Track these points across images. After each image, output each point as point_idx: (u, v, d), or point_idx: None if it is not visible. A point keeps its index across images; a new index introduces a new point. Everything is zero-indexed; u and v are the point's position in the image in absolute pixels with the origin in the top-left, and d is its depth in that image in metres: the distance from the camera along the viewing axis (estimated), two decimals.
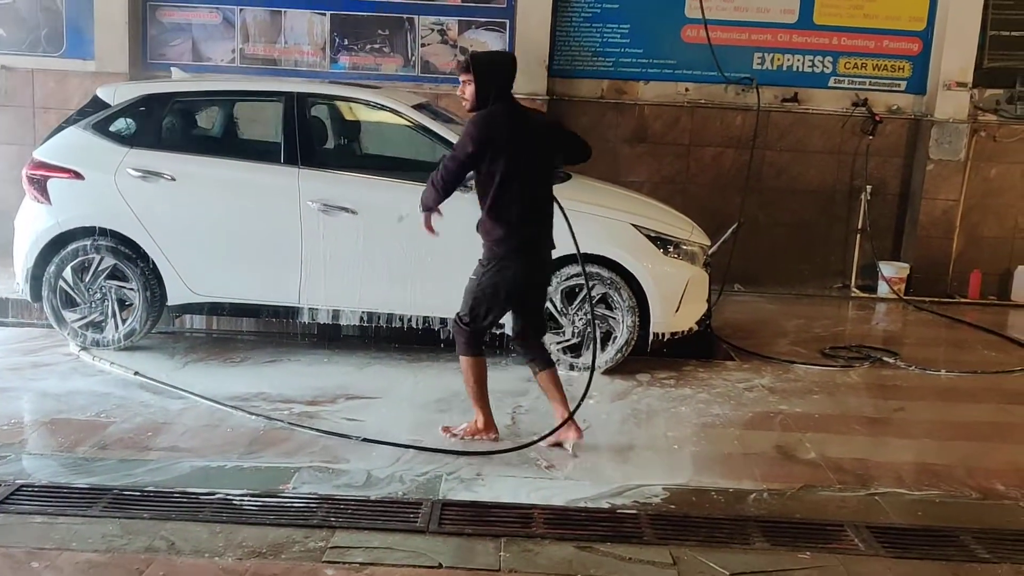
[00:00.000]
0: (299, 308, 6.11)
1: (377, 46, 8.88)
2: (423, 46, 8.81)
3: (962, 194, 8.96)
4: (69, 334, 6.16)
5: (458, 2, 8.81)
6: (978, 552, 3.90)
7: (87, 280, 6.09)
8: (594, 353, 5.14)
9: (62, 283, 6.08)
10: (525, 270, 4.71)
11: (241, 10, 8.81)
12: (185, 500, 4.04)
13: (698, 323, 6.36)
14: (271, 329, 7.17)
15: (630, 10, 8.87)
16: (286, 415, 5.12)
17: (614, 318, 6.00)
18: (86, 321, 6.14)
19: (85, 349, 6.10)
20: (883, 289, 8.86)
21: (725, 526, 4.03)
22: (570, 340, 6.04)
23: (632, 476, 4.52)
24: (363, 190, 6.00)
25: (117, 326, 6.13)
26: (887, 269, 8.86)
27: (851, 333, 7.64)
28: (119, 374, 5.70)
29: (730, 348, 6.84)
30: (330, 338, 6.92)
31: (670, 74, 8.96)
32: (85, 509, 3.92)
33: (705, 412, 5.49)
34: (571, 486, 4.38)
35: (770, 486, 4.48)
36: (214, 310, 6.36)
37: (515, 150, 4.55)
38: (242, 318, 6.97)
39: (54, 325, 6.20)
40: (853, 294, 8.93)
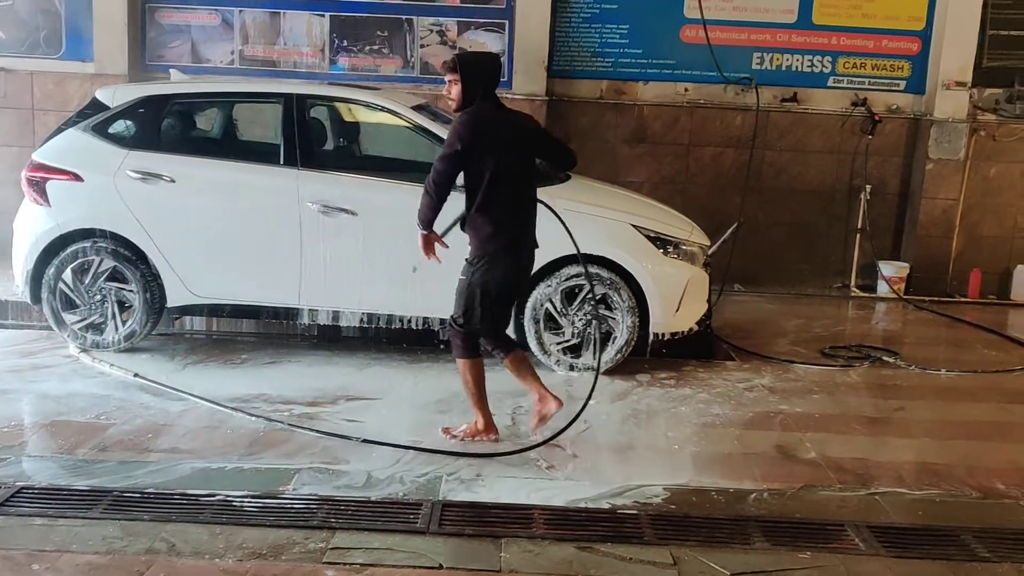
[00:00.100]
0: (299, 309, 6.12)
1: (376, 47, 8.88)
2: (422, 47, 8.81)
3: (962, 193, 8.96)
4: (69, 336, 6.16)
5: (457, 3, 8.81)
6: (979, 551, 3.90)
7: (87, 282, 6.08)
8: (598, 353, 5.13)
9: (62, 285, 6.07)
10: (514, 268, 4.78)
11: (240, 11, 8.81)
12: (185, 502, 4.04)
13: (698, 323, 6.36)
14: (271, 330, 7.17)
15: (629, 10, 8.87)
16: (286, 416, 5.12)
17: (614, 319, 6.00)
18: (86, 323, 6.14)
19: (85, 351, 6.10)
20: (883, 288, 8.86)
21: (725, 526, 4.03)
22: (570, 341, 6.03)
23: (632, 476, 4.52)
24: (362, 191, 6.00)
25: (117, 328, 6.13)
26: (887, 268, 8.86)
27: (851, 333, 7.63)
28: (119, 376, 5.70)
29: (730, 348, 6.84)
30: (330, 339, 6.93)
31: (669, 74, 8.96)
32: (85, 511, 3.92)
33: (705, 412, 5.49)
34: (571, 486, 4.38)
35: (770, 486, 4.48)
36: (214, 312, 6.38)
37: (502, 147, 4.61)
38: (242, 320, 6.96)
39: (54, 327, 6.19)
40: (853, 294, 8.93)
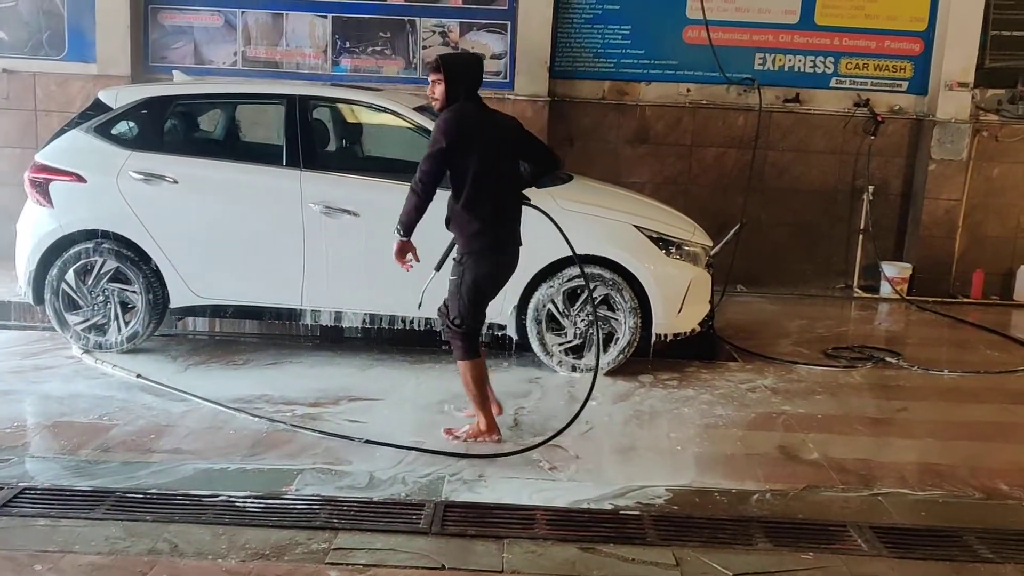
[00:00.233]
0: (301, 310, 6.12)
1: (379, 48, 8.88)
2: (424, 48, 8.81)
3: (964, 194, 8.96)
4: (72, 337, 6.16)
5: (459, 4, 8.81)
6: (981, 552, 3.90)
7: (90, 283, 6.09)
8: (597, 354, 5.14)
9: (64, 286, 6.08)
10: (500, 264, 4.81)
11: (243, 13, 8.81)
12: (188, 502, 4.04)
13: (701, 324, 6.35)
14: (273, 331, 7.17)
15: (631, 11, 8.87)
16: (289, 417, 5.12)
17: (616, 319, 6.00)
18: (89, 324, 6.14)
19: (88, 352, 6.11)
20: (886, 289, 8.85)
21: (728, 527, 4.03)
22: (572, 341, 6.03)
23: (635, 477, 4.52)
24: (365, 192, 6.01)
25: (120, 329, 6.13)
26: (889, 269, 8.85)
27: (854, 333, 7.63)
28: (122, 377, 5.71)
29: (733, 349, 6.84)
30: (332, 340, 6.93)
31: (672, 75, 8.96)
32: (88, 512, 3.92)
33: (708, 413, 5.49)
34: (574, 487, 4.38)
35: (773, 487, 4.47)
36: (217, 313, 6.38)
37: (485, 146, 4.64)
38: (245, 320, 6.97)
39: (57, 328, 6.20)
40: (856, 294, 8.92)
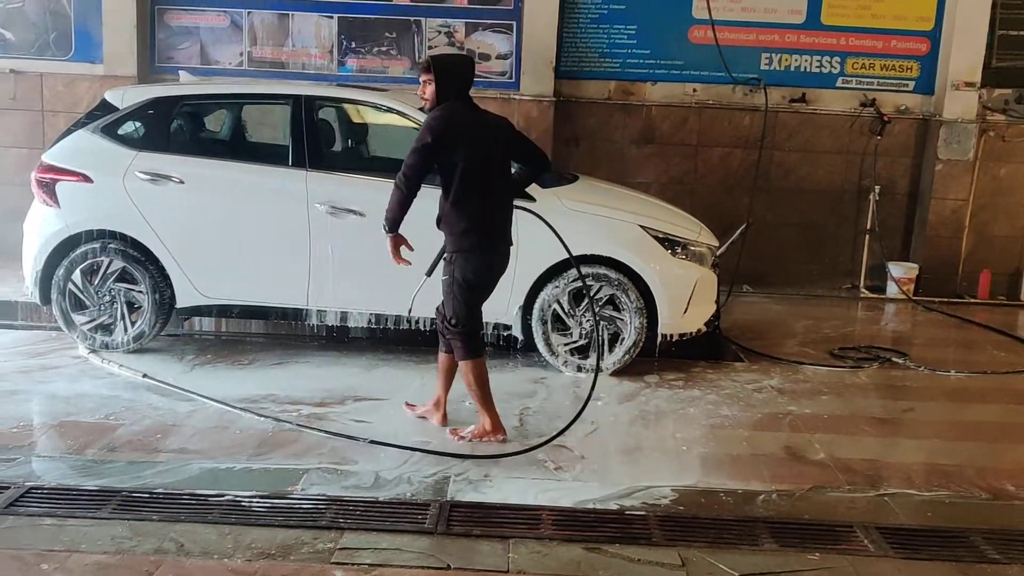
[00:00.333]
0: (307, 310, 6.13)
1: (384, 49, 8.88)
2: (430, 48, 8.80)
3: (971, 194, 8.93)
4: (78, 337, 6.18)
5: (465, 4, 8.81)
6: (988, 553, 3.89)
7: (96, 283, 6.10)
8: (598, 354, 5.14)
9: (71, 286, 6.09)
10: (490, 263, 4.82)
11: (249, 13, 8.82)
12: (194, 502, 4.05)
13: (706, 324, 6.34)
14: (279, 331, 7.18)
15: (637, 11, 8.86)
16: (295, 417, 5.13)
17: (622, 319, 5.99)
18: (95, 324, 6.15)
19: (94, 351, 6.12)
20: (892, 289, 8.83)
21: (734, 527, 4.02)
22: (577, 341, 6.03)
23: (641, 477, 4.51)
24: (371, 192, 5.99)
25: (126, 329, 6.14)
26: (896, 269, 8.83)
27: (860, 334, 7.61)
28: (128, 376, 5.72)
29: (739, 349, 6.83)
30: (338, 340, 6.93)
31: (677, 75, 8.94)
32: (94, 511, 3.93)
33: (714, 413, 5.48)
34: (579, 487, 4.38)
35: (779, 487, 4.47)
36: (223, 312, 6.41)
37: (473, 143, 4.66)
38: (251, 320, 6.99)
39: (63, 328, 6.21)
40: (862, 295, 8.90)
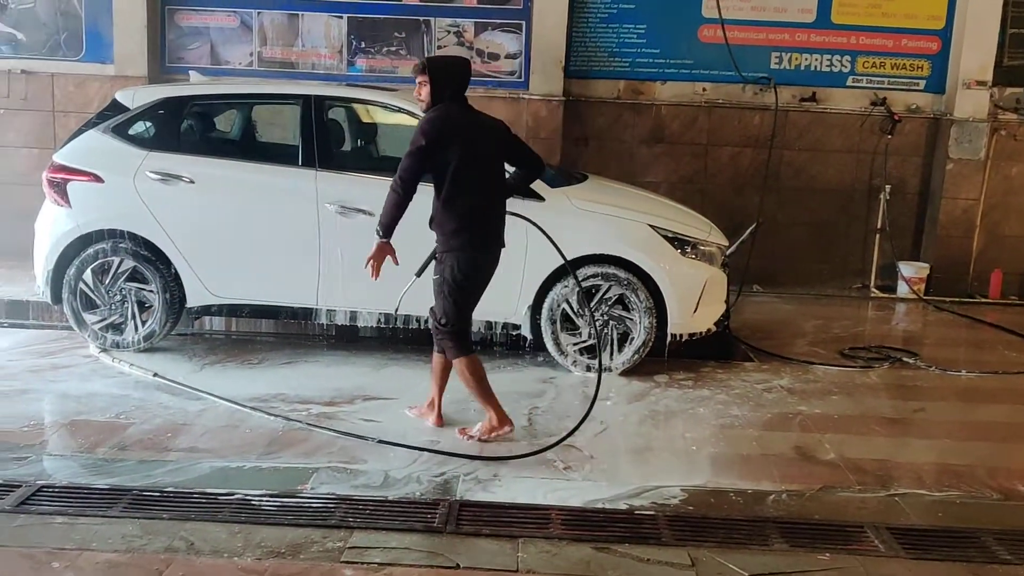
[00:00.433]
0: (317, 310, 6.14)
1: (394, 48, 8.89)
2: (439, 48, 8.81)
3: (982, 193, 8.89)
4: (89, 336, 6.20)
5: (474, 4, 8.82)
6: (999, 553, 3.87)
7: (107, 282, 6.12)
8: (599, 353, 5.14)
9: (82, 285, 6.11)
10: (480, 263, 4.82)
11: (259, 13, 8.84)
12: (204, 500, 4.06)
13: (716, 324, 6.33)
14: (289, 331, 7.19)
15: (646, 10, 8.85)
16: (304, 416, 5.14)
17: (631, 319, 5.98)
18: (106, 323, 6.18)
19: (105, 351, 6.14)
20: (903, 289, 8.80)
21: (744, 527, 4.02)
22: (587, 341, 6.02)
23: (650, 477, 4.51)
24: (380, 192, 5.90)
25: (137, 328, 6.16)
26: (907, 269, 8.80)
27: (870, 333, 7.58)
28: (138, 376, 5.74)
29: (749, 349, 6.81)
30: (347, 339, 6.94)
31: (687, 74, 8.93)
32: (105, 509, 3.94)
33: (724, 413, 5.47)
34: (589, 487, 4.38)
35: (789, 487, 4.46)
36: (233, 312, 6.42)
37: (467, 145, 4.68)
38: (261, 320, 6.99)
39: (74, 327, 6.24)
40: (872, 294, 8.87)
